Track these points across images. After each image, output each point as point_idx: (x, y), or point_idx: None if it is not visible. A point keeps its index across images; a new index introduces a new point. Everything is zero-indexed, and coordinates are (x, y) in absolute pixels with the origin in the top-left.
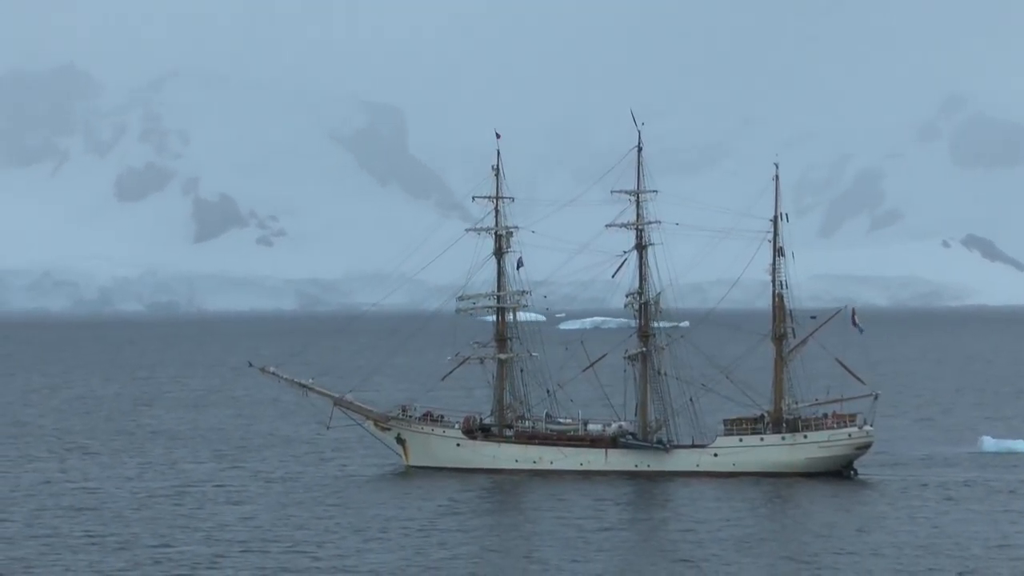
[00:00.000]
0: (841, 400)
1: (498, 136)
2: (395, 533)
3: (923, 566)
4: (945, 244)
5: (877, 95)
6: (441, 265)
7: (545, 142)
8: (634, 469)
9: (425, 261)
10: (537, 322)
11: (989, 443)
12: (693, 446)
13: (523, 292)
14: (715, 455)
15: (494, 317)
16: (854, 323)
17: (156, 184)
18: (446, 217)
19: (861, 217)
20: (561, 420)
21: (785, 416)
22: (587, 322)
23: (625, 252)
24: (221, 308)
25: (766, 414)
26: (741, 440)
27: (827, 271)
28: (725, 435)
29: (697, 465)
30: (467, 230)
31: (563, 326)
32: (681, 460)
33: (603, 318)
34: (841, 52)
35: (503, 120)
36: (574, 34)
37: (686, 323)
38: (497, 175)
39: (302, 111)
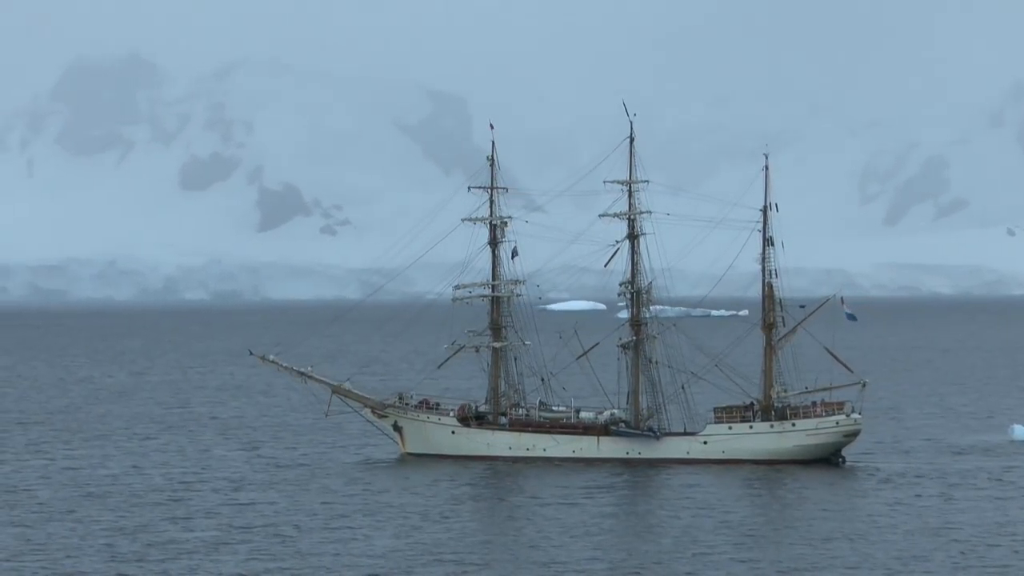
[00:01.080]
0: (830, 388)
1: (492, 127)
2: (390, 519)
3: (914, 551)
4: (1010, 232)
5: (944, 82)
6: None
7: (611, 129)
8: (625, 456)
9: (488, 250)
10: (596, 310)
11: (1020, 431)
12: (683, 434)
13: (517, 281)
14: (705, 443)
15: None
16: (845, 312)
17: (221, 173)
18: (510, 206)
19: (926, 205)
20: (555, 408)
21: (774, 404)
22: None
23: (617, 242)
24: (285, 297)
25: (755, 402)
26: (730, 428)
27: (892, 259)
28: (715, 423)
29: (687, 453)
30: (463, 220)
31: (623, 315)
32: (671, 448)
33: (661, 307)
34: (907, 39)
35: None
36: (639, 20)
37: (745, 312)
38: (492, 165)
39: (367, 100)
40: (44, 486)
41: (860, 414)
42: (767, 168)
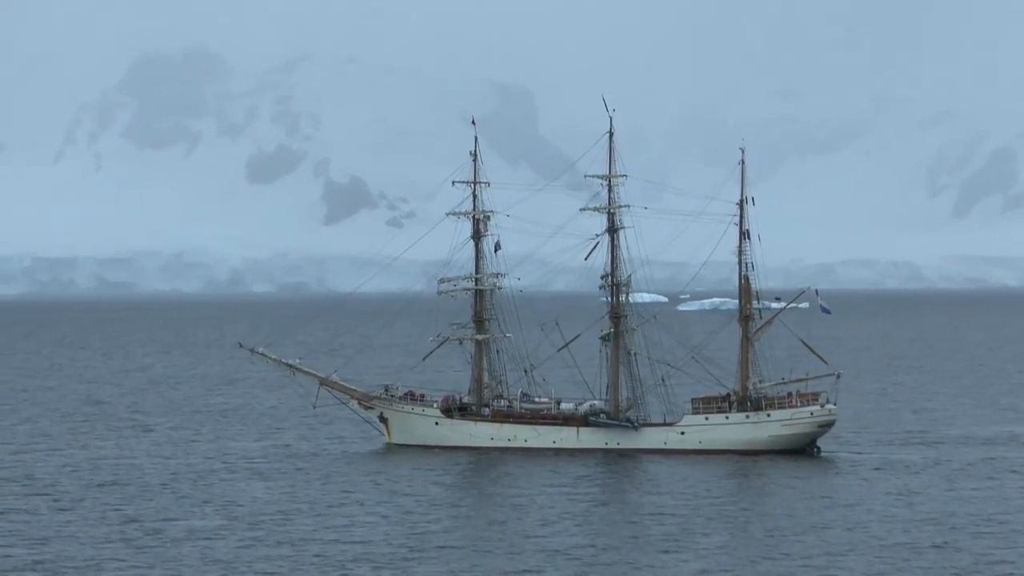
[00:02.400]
0: (806, 380)
1: (473, 123)
2: (375, 507)
3: (884, 539)
4: None
5: (1013, 74)
6: (565, 244)
7: (676, 123)
8: (604, 447)
9: (556, 242)
10: (656, 303)
11: None
12: (661, 424)
13: (498, 274)
14: (682, 433)
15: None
16: (820, 304)
17: (287, 166)
18: (575, 199)
19: (995, 197)
20: (537, 399)
21: (751, 395)
22: (706, 303)
23: (597, 235)
24: (350, 289)
25: (732, 393)
26: (707, 419)
27: (960, 252)
28: (692, 414)
29: (665, 443)
30: (447, 214)
31: (683, 307)
32: (649, 438)
33: (722, 299)
34: (977, 30)
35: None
36: (705, 12)
37: (805, 304)
38: (475, 160)
39: (432, 92)
40: (66, 475)
41: (835, 405)
42: (743, 163)
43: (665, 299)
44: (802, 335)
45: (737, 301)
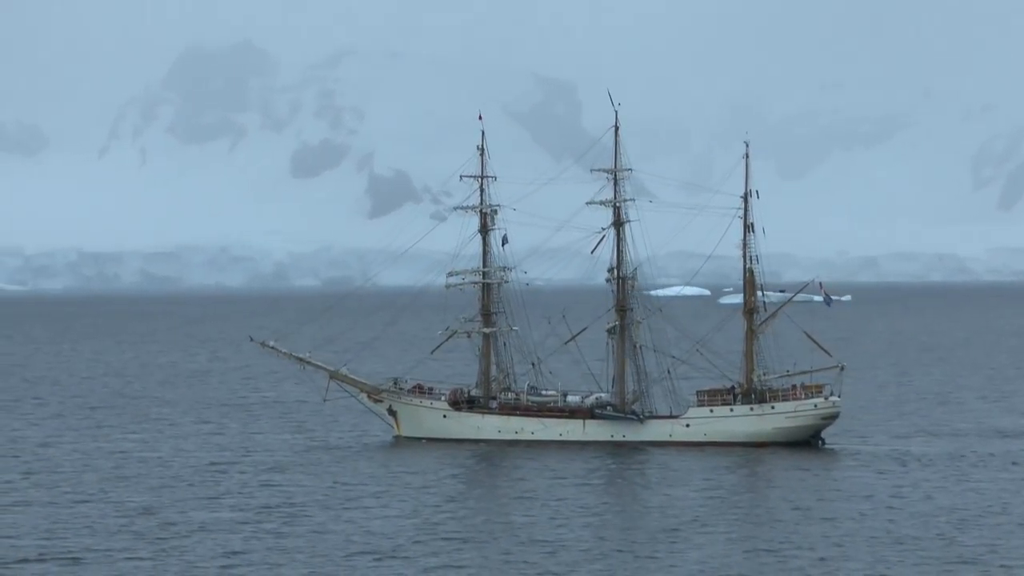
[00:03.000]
0: (810, 372)
1: (480, 118)
2: (383, 499)
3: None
4: None
5: None
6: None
7: (722, 116)
8: (610, 439)
9: (597, 237)
10: (700, 296)
11: None
12: (666, 417)
13: (505, 268)
14: (687, 425)
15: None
16: (823, 296)
17: (331, 160)
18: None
19: None
20: (545, 392)
21: (756, 387)
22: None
23: (603, 229)
24: (394, 283)
25: (737, 386)
26: (711, 411)
27: (1006, 244)
28: (697, 406)
29: (670, 435)
30: (454, 208)
31: (724, 300)
32: (655, 430)
33: (762, 293)
34: (1022, 20)
35: (679, 95)
36: (747, 5)
37: (848, 297)
38: (482, 154)
39: (476, 87)
40: (87, 468)
41: (839, 397)
42: (747, 156)
43: (708, 292)
44: (831, 327)
45: (779, 295)
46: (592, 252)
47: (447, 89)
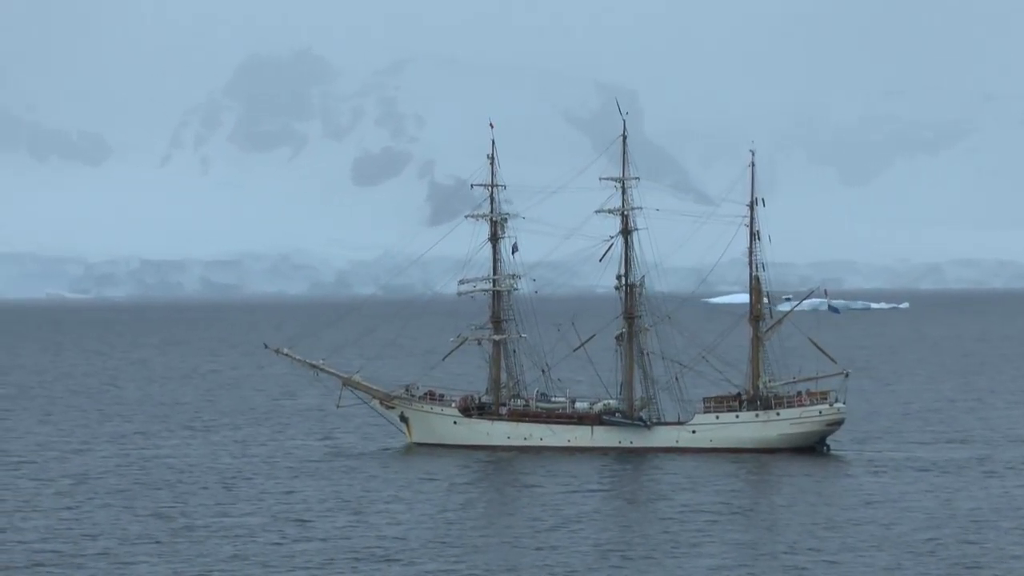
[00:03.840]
0: (816, 378)
1: (492, 126)
2: (393, 505)
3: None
4: None
5: None
6: (673, 244)
7: (781, 122)
8: (618, 445)
9: (661, 243)
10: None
11: None
12: (672, 423)
13: (514, 276)
14: (693, 432)
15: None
16: (828, 303)
17: (392, 168)
18: (680, 200)
19: None
20: (555, 399)
21: (762, 394)
22: (805, 304)
23: (611, 237)
24: (454, 291)
25: (743, 392)
26: (718, 417)
27: None
28: (703, 413)
29: (676, 441)
30: (466, 216)
31: (781, 307)
32: (661, 436)
33: (821, 300)
34: None
35: (739, 100)
36: (808, 11)
37: (906, 304)
38: (492, 163)
39: (537, 93)
40: (115, 474)
41: (844, 403)
42: (753, 165)
43: (766, 300)
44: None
45: (836, 302)
46: (600, 260)
47: (508, 96)
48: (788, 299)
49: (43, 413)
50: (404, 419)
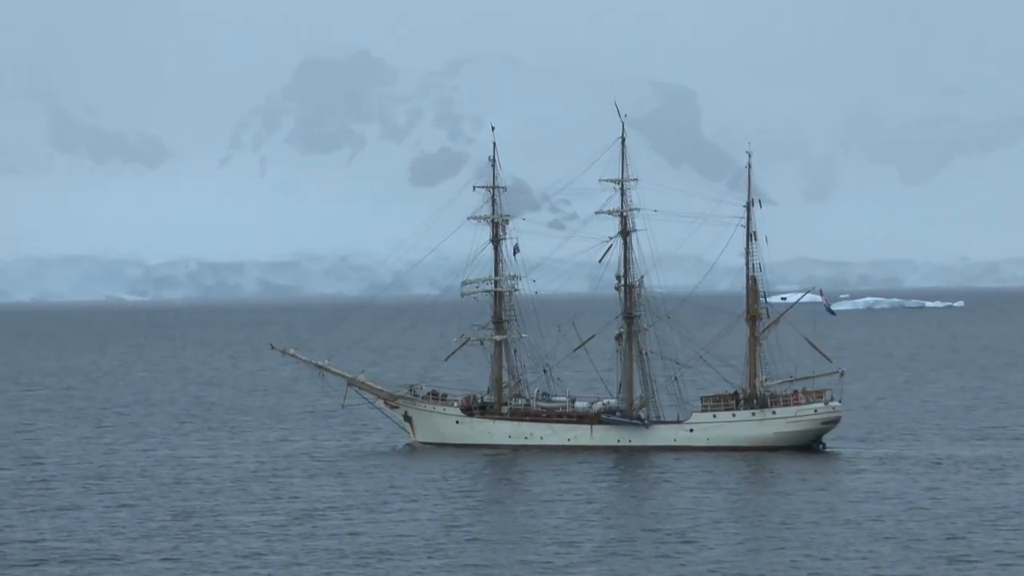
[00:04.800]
0: (812, 377)
1: (493, 129)
2: (398, 503)
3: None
4: None
5: None
6: (731, 244)
7: (841, 120)
8: (616, 444)
9: (718, 243)
10: (812, 302)
11: None
12: (670, 422)
13: (514, 276)
14: (691, 430)
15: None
16: (823, 304)
17: (450, 169)
18: (739, 199)
19: None
20: (556, 398)
21: (759, 393)
22: (859, 303)
23: (611, 238)
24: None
25: (740, 391)
26: (714, 416)
27: None
28: (701, 411)
29: (674, 440)
30: (468, 218)
31: (835, 307)
32: (660, 435)
33: (875, 299)
34: None
35: (796, 100)
36: (867, 10)
37: (960, 303)
38: (493, 166)
39: (595, 94)
40: (134, 474)
41: (840, 402)
42: (749, 166)
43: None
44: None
45: (891, 300)
46: (600, 261)
47: (566, 96)
48: (784, 299)
49: (77, 413)
50: (408, 419)
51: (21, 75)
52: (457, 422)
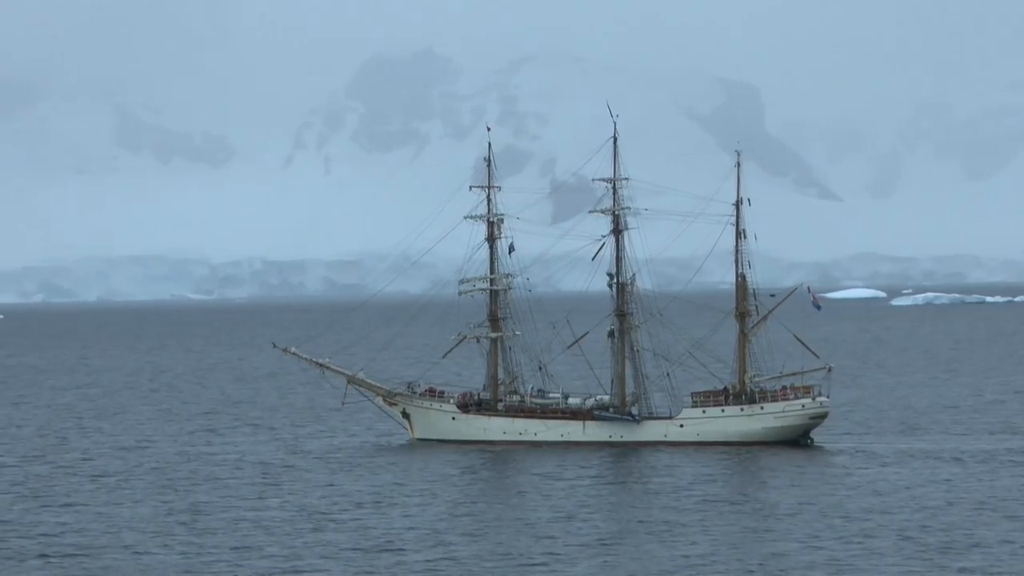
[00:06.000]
0: (800, 373)
1: (488, 129)
2: (388, 498)
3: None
4: None
5: None
6: (796, 240)
7: (906, 115)
8: (608, 440)
9: (783, 239)
10: (877, 297)
11: None
12: (661, 418)
13: (508, 275)
14: (681, 426)
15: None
16: (813, 301)
17: (514, 166)
18: (804, 195)
19: None
20: (552, 394)
21: (748, 389)
22: (919, 298)
23: (603, 236)
24: (575, 288)
25: (729, 387)
26: (704, 412)
27: None
28: (691, 407)
29: (665, 435)
30: (465, 217)
31: (896, 302)
32: (651, 431)
33: (935, 294)
34: None
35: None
36: (932, 4)
37: (1021, 298)
38: (488, 165)
39: (658, 90)
40: (156, 470)
41: (827, 397)
42: (739, 165)
43: (884, 294)
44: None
45: (951, 295)
46: (593, 259)
47: (629, 93)
48: (772, 296)
49: (118, 411)
50: (406, 416)
51: (87, 76)
52: (453, 419)
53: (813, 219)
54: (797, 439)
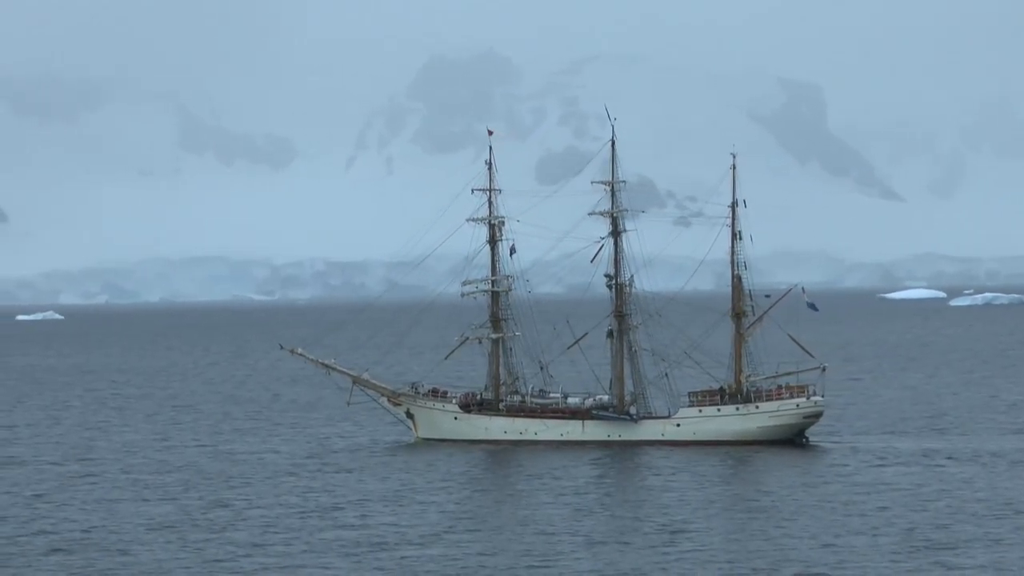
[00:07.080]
0: (795, 373)
1: (490, 133)
2: (391, 497)
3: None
4: None
5: None
6: (860, 241)
7: (969, 116)
8: (607, 439)
9: (845, 239)
10: (936, 298)
11: None
12: (658, 417)
13: (509, 277)
14: (678, 425)
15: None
16: (806, 301)
17: (575, 167)
18: (866, 195)
19: None
20: (552, 394)
21: (744, 388)
22: (978, 298)
23: (602, 238)
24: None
25: (725, 387)
26: (700, 411)
27: None
28: (688, 407)
29: (662, 435)
30: (467, 220)
31: (955, 302)
32: (648, 430)
33: (995, 294)
34: None
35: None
36: (994, 4)
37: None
38: (489, 168)
39: (720, 91)
40: (174, 470)
41: (822, 397)
42: (734, 167)
43: (944, 294)
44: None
45: (1010, 296)
46: (592, 261)
47: (691, 93)
48: (767, 297)
49: (151, 412)
50: (410, 415)
51: (150, 78)
52: (455, 418)
53: (875, 219)
54: (792, 438)
